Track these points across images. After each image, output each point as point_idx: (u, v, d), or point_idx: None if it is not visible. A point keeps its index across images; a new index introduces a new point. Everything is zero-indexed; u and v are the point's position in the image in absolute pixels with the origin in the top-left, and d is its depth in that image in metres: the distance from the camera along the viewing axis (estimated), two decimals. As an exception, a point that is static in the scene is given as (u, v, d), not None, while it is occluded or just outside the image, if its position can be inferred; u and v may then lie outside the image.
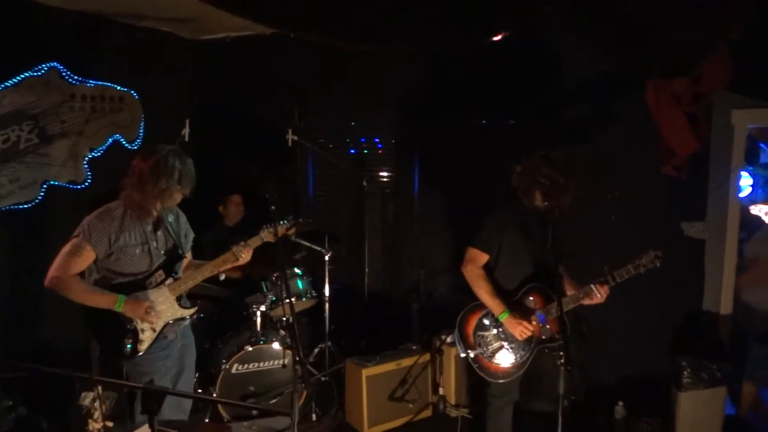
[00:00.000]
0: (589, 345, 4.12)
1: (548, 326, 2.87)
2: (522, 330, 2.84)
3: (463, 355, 3.01)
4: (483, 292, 2.92)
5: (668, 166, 3.70)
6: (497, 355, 2.94)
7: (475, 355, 2.97)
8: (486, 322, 2.97)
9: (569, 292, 2.93)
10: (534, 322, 2.87)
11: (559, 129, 4.23)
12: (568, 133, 4.19)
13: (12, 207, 3.85)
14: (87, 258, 2.50)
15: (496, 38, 4.05)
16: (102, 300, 2.49)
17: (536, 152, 2.94)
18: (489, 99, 4.51)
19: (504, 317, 2.87)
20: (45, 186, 3.99)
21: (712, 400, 3.38)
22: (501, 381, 2.94)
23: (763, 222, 4.21)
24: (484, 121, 4.58)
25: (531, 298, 2.91)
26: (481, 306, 2.97)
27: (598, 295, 2.81)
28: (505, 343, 2.92)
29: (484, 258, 2.97)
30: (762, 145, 4.87)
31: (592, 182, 4.09)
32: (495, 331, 2.95)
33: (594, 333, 4.16)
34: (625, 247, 4.04)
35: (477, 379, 3.48)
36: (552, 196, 2.82)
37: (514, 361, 2.92)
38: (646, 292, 3.98)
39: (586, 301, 2.84)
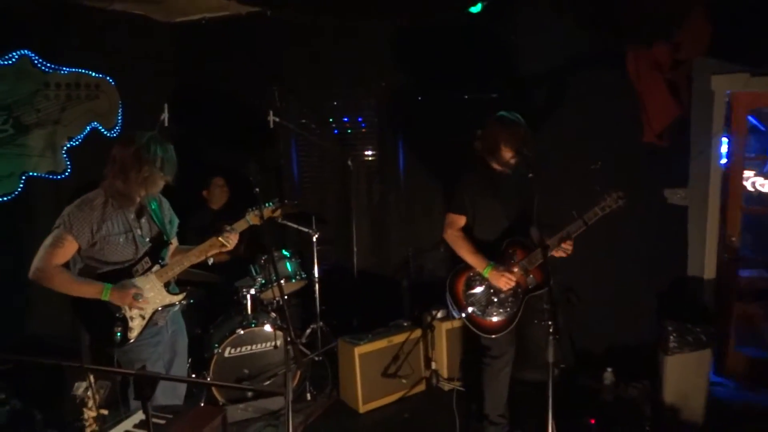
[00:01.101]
0: (577, 313, 4.20)
1: (532, 275, 3.00)
2: (506, 281, 2.96)
3: (457, 316, 3.12)
4: (464, 251, 3.05)
5: (650, 134, 3.72)
6: (489, 310, 3.05)
7: (469, 314, 3.07)
8: (473, 280, 3.08)
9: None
10: (516, 272, 2.98)
11: (541, 101, 4.24)
12: (550, 105, 4.20)
13: (-9, 200, 3.79)
14: (69, 249, 2.47)
15: (475, 9, 4.02)
16: (88, 290, 2.47)
17: (491, 116, 3.08)
18: (471, 73, 4.49)
19: (487, 272, 2.99)
20: (24, 177, 3.92)
21: (697, 363, 3.46)
22: (496, 336, 3.05)
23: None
24: (466, 96, 4.56)
25: (510, 251, 3.03)
26: (466, 267, 3.09)
27: (565, 249, 2.92)
28: (494, 298, 3.04)
29: (461, 220, 3.11)
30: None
31: (575, 153, 4.12)
32: (483, 287, 3.06)
33: (581, 301, 4.24)
34: (610, 215, 4.11)
35: (469, 349, 3.54)
36: (518, 148, 2.95)
37: (505, 314, 3.03)
38: (631, 259, 4.05)
39: (558, 253, 2.93)
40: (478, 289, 3.07)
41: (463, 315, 3.07)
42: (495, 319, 3.04)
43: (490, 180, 3.09)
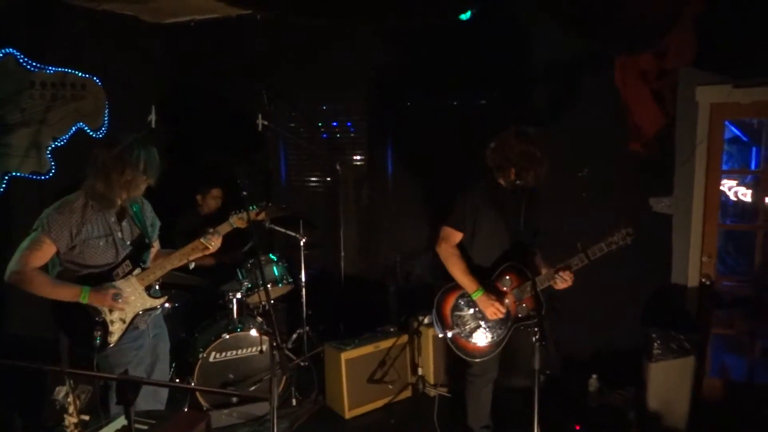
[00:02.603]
0: (563, 320, 4.22)
1: (524, 304, 2.90)
2: (494, 311, 2.86)
3: (441, 335, 3.02)
4: (457, 270, 2.91)
5: (636, 143, 3.76)
6: (474, 335, 2.96)
7: (453, 336, 2.98)
8: (462, 302, 2.99)
9: (543, 270, 2.97)
10: (508, 301, 2.91)
11: (529, 108, 4.27)
12: (538, 112, 4.23)
13: (-28, 200, 3.73)
14: (47, 252, 2.43)
15: (464, 16, 4.04)
16: (66, 293, 2.43)
17: (509, 127, 2.94)
18: (460, 79, 4.51)
19: (477, 296, 2.89)
20: (6, 177, 3.86)
21: (681, 370, 3.49)
22: (479, 360, 2.98)
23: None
24: (455, 102, 4.58)
25: (507, 277, 2.93)
26: (458, 286, 2.97)
27: (566, 279, 2.84)
28: (482, 323, 2.95)
29: (458, 236, 2.97)
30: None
31: (563, 160, 4.15)
32: (471, 310, 2.97)
33: (567, 308, 4.25)
34: (596, 223, 4.13)
35: (455, 358, 3.54)
36: (526, 172, 2.82)
37: (490, 340, 2.95)
38: (616, 267, 4.06)
39: (559, 285, 2.86)
40: (466, 312, 2.97)
41: (448, 335, 2.98)
42: (479, 343, 2.95)
43: (496, 196, 2.93)
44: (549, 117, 4.18)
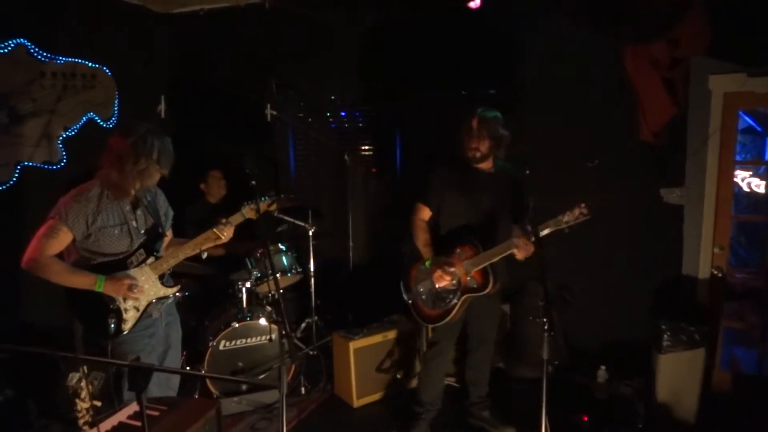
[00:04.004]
0: (571, 311, 4.22)
1: (474, 276, 3.02)
2: (438, 276, 3.02)
3: (405, 299, 3.23)
4: (419, 241, 3.17)
5: (647, 132, 3.72)
6: (428, 300, 3.12)
7: (413, 300, 3.18)
8: (422, 269, 3.16)
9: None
10: (459, 272, 3.01)
11: (538, 97, 4.23)
12: (547, 102, 4.20)
13: (-15, 189, 3.76)
14: (64, 240, 2.46)
15: (473, 4, 4.00)
16: (81, 280, 2.46)
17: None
18: (469, 69, 4.48)
19: (427, 264, 3.08)
20: (19, 167, 3.90)
21: (691, 362, 3.47)
22: (431, 326, 3.17)
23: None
24: (463, 92, 4.55)
25: (459, 250, 3.05)
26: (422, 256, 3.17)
27: (520, 246, 2.87)
28: (435, 289, 3.10)
29: (425, 211, 3.21)
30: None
31: (572, 150, 4.13)
32: (429, 278, 3.12)
33: (576, 299, 4.25)
34: (606, 213, 4.11)
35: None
36: (471, 148, 3.03)
37: (442, 307, 3.08)
38: (626, 257, 4.06)
39: (519, 255, 2.90)
40: (426, 279, 3.13)
41: (409, 300, 3.20)
42: (433, 311, 3.12)
43: (462, 175, 3.13)
44: (559, 106, 4.15)
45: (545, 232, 2.80)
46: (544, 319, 2.51)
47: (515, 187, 3.13)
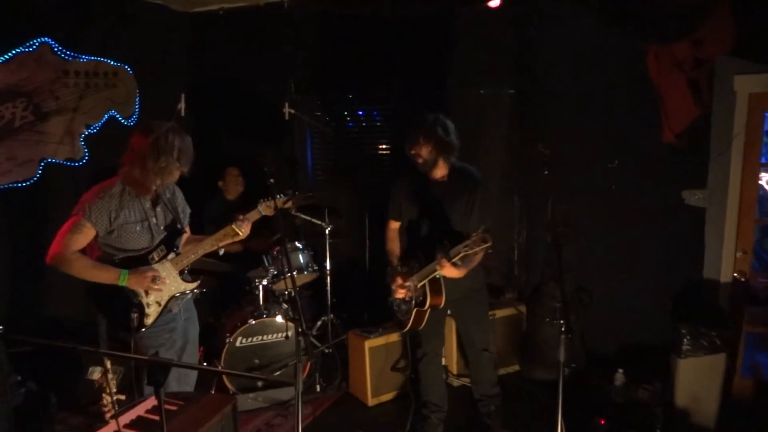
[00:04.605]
0: (589, 313, 4.17)
1: (420, 290, 2.95)
2: (395, 287, 3.02)
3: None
4: (387, 251, 3.19)
5: (669, 134, 3.67)
6: (398, 308, 3.13)
7: (390, 305, 3.19)
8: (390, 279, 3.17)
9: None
10: (410, 284, 2.99)
11: (558, 98, 4.20)
12: (567, 102, 4.16)
13: (10, 185, 3.83)
14: (87, 235, 2.50)
15: (492, 3, 3.98)
16: (105, 275, 2.50)
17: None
18: (488, 69, 4.45)
19: (389, 276, 3.10)
20: (42, 164, 3.97)
21: (711, 367, 3.41)
22: (404, 331, 3.15)
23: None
24: (482, 91, 4.53)
25: (413, 263, 3.00)
26: None
27: (444, 268, 2.80)
28: (396, 299, 3.11)
29: (394, 224, 3.20)
30: None
31: (592, 151, 4.08)
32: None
33: (593, 301, 4.20)
34: (625, 215, 4.06)
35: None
36: (414, 155, 2.94)
37: (401, 317, 3.10)
38: (645, 259, 4.00)
39: (446, 274, 2.84)
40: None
41: (389, 304, 3.20)
42: (402, 319, 3.10)
43: (417, 185, 3.07)
44: (578, 107, 4.11)
45: (459, 256, 2.72)
46: (561, 321, 2.49)
47: (471, 194, 2.99)
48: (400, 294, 3.04)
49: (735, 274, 3.78)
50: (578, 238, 4.11)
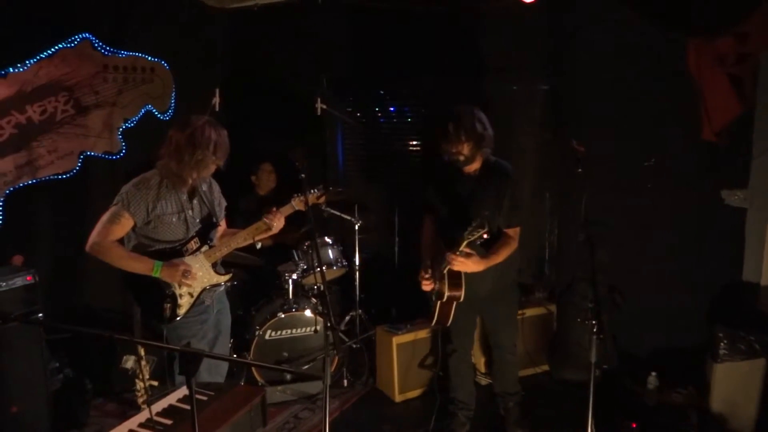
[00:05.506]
0: (622, 313, 4.09)
1: (442, 283, 2.95)
2: (422, 279, 2.99)
3: None
4: (421, 245, 3.17)
5: (708, 131, 3.56)
6: (431, 300, 3.11)
7: (428, 297, 3.16)
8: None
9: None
10: (426, 275, 2.99)
11: (593, 93, 4.11)
12: (602, 98, 4.07)
13: (52, 177, 3.96)
14: (126, 225, 2.57)
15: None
16: (140, 266, 2.57)
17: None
18: (521, 64, 4.39)
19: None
20: (82, 156, 4.09)
21: (749, 373, 3.30)
22: (430, 325, 3.19)
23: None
24: (515, 87, 4.47)
25: (439, 257, 2.97)
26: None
27: (451, 262, 2.81)
28: (427, 291, 3.09)
29: (427, 217, 3.20)
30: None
31: (629, 148, 3.99)
32: None
33: (627, 301, 4.11)
34: (662, 214, 3.96)
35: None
36: (445, 149, 2.92)
37: (431, 308, 3.08)
38: (682, 260, 3.90)
39: (456, 268, 2.84)
40: None
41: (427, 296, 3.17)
42: (430, 311, 3.10)
43: (450, 179, 3.06)
44: (614, 102, 4.01)
45: (462, 245, 2.72)
46: (594, 322, 2.45)
47: (501, 188, 2.98)
48: (426, 286, 3.04)
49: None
50: (611, 237, 4.03)
